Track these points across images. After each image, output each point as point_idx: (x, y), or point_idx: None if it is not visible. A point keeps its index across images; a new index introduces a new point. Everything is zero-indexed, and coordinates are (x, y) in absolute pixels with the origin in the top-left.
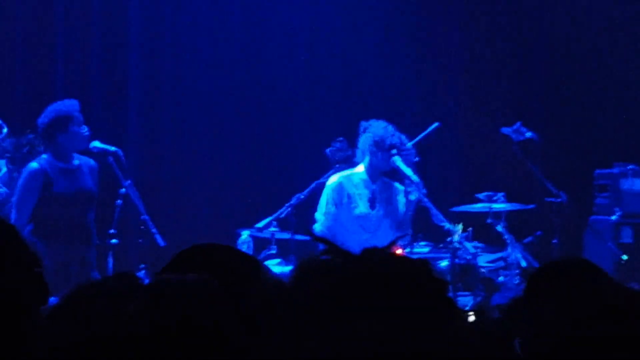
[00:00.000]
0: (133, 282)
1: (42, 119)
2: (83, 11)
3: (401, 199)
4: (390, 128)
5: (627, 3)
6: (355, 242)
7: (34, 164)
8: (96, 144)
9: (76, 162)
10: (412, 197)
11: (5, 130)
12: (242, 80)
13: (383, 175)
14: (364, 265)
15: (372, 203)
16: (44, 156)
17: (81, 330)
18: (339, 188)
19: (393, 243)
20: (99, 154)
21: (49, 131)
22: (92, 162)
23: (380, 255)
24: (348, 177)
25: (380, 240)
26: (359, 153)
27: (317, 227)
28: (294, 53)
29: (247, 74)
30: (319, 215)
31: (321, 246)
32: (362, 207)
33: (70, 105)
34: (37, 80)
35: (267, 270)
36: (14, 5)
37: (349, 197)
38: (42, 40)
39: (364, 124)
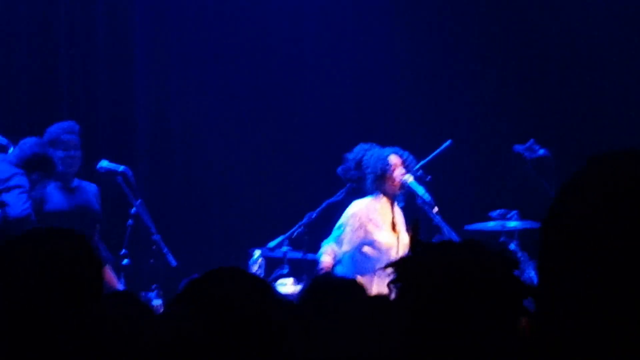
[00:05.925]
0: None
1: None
2: (87, 24)
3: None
4: (375, 153)
5: None
6: None
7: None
8: (103, 163)
9: (75, 183)
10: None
11: (11, 149)
12: (252, 98)
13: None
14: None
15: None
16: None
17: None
18: None
19: None
20: (107, 174)
21: None
22: (93, 186)
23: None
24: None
25: None
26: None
27: None
28: (306, 72)
29: (258, 92)
30: None
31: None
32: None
33: (59, 128)
34: (42, 97)
35: (277, 292)
36: (17, 19)
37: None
38: (46, 55)
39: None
